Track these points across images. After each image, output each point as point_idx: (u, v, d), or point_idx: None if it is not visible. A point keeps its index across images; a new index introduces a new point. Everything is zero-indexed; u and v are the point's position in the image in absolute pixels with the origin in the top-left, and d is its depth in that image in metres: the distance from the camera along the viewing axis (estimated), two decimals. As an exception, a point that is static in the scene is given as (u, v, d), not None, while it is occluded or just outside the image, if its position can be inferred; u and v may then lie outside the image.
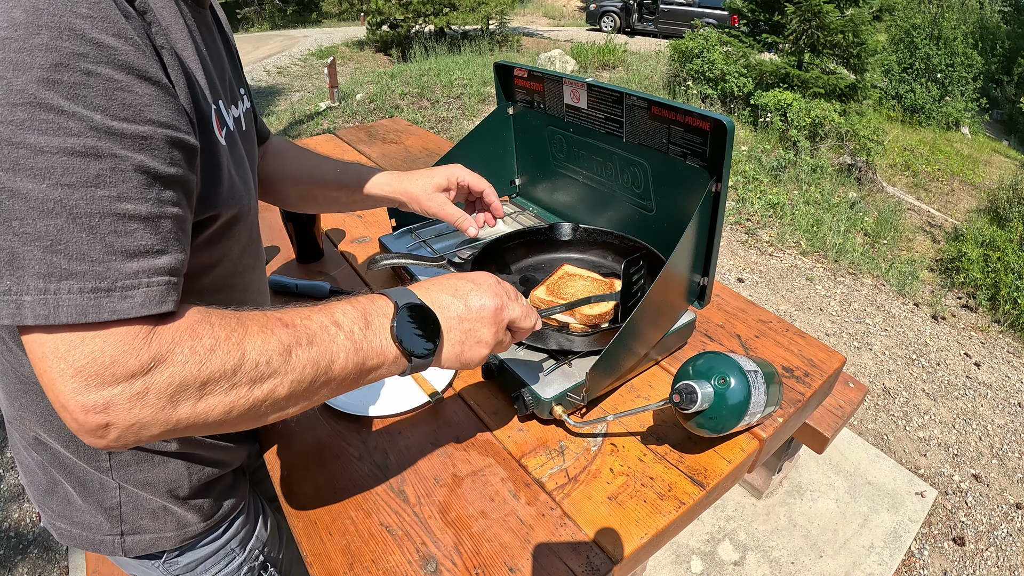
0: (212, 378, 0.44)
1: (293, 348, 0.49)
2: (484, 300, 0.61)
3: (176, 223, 0.46)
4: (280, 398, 0.49)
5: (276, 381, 0.48)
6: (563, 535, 0.73)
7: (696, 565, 1.65)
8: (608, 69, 9.37)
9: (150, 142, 0.44)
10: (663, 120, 0.95)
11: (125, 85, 0.42)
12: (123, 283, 0.41)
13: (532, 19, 17.56)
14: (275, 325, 0.49)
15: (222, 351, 0.45)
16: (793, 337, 1.10)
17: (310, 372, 0.50)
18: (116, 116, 0.42)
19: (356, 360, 0.53)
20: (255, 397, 0.47)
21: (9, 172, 0.39)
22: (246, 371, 0.46)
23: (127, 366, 0.41)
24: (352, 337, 0.53)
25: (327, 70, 6.81)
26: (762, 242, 4.06)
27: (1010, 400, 2.66)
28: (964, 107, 8.92)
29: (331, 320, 0.53)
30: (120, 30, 0.42)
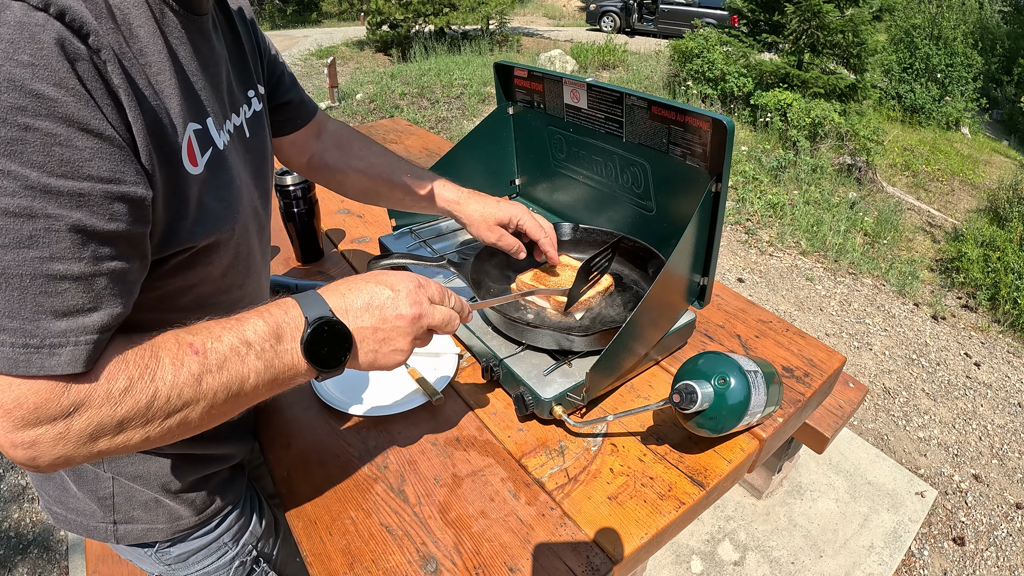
0: (127, 417, 0.47)
1: (204, 376, 0.51)
2: (400, 309, 0.61)
3: (112, 278, 0.47)
4: (193, 421, 0.52)
5: (188, 409, 0.51)
6: (563, 535, 0.73)
7: (696, 565, 1.65)
8: (608, 69, 9.36)
9: (88, 199, 0.43)
10: (663, 120, 0.95)
11: (64, 139, 0.42)
12: (51, 341, 0.43)
13: (532, 19, 17.56)
14: (186, 353, 0.50)
15: (136, 391, 0.47)
16: (793, 337, 1.10)
17: (222, 395, 0.52)
18: (53, 173, 0.41)
19: (268, 377, 0.55)
20: (169, 425, 0.50)
21: None
22: (159, 406, 0.48)
23: (49, 411, 0.43)
24: (263, 356, 0.54)
25: (327, 70, 6.81)
26: (762, 242, 4.06)
27: (1010, 400, 2.66)
28: (964, 107, 8.91)
29: (242, 340, 0.53)
30: (62, 79, 0.41)
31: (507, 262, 1.14)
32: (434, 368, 1.01)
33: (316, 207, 1.34)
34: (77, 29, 0.42)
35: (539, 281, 1.00)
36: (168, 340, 0.51)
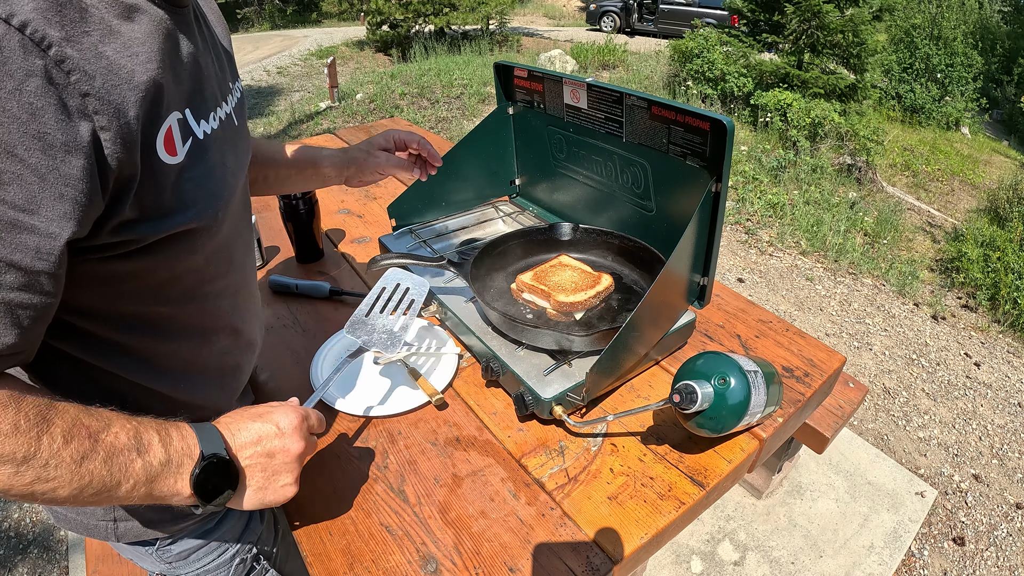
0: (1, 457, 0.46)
1: (87, 460, 0.50)
2: (288, 445, 0.63)
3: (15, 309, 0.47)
4: (59, 497, 0.51)
5: (60, 483, 0.50)
6: (563, 535, 0.73)
7: (696, 565, 1.65)
8: (608, 69, 9.36)
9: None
10: (663, 120, 0.95)
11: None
12: None
13: (532, 19, 17.55)
14: (80, 433, 0.51)
15: (18, 439, 0.46)
16: (793, 337, 1.10)
17: (96, 485, 0.52)
18: None
19: (145, 490, 0.55)
20: (36, 489, 0.49)
21: None
22: (32, 465, 0.47)
23: None
24: (149, 470, 0.54)
25: (327, 70, 6.81)
26: (762, 242, 4.06)
27: (1010, 400, 2.66)
28: (964, 107, 8.91)
29: (136, 446, 0.54)
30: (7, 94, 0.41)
31: (507, 262, 1.14)
32: (433, 369, 1.01)
33: (316, 207, 1.34)
34: (38, 41, 0.42)
35: (539, 281, 1.00)
36: (67, 412, 0.51)
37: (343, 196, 1.73)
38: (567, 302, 0.95)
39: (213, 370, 0.73)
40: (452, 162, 1.29)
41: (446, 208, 1.36)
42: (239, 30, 16.27)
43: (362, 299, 1.22)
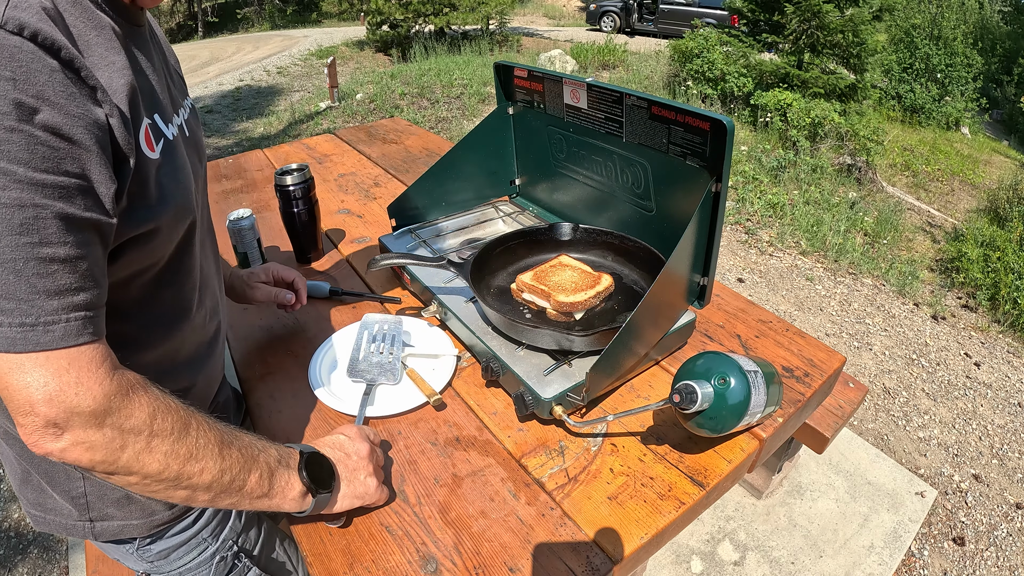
0: (161, 432, 0.54)
1: (224, 446, 0.60)
2: (357, 446, 0.75)
3: (92, 262, 0.52)
4: (203, 483, 0.59)
5: (206, 465, 0.58)
6: (563, 535, 0.73)
7: (696, 565, 1.65)
8: (608, 69, 9.36)
9: (68, 191, 0.49)
10: (663, 120, 0.95)
11: (43, 140, 0.47)
12: (45, 319, 0.48)
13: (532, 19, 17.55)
14: (214, 425, 0.61)
15: (174, 415, 0.56)
16: (793, 337, 1.10)
17: (232, 470, 0.61)
18: (37, 168, 0.47)
19: (268, 484, 0.65)
20: (185, 470, 0.57)
21: None
22: (186, 443, 0.56)
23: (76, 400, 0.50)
24: (269, 462, 0.65)
25: (327, 70, 6.81)
26: (762, 242, 4.06)
27: (1010, 400, 2.66)
28: (964, 107, 8.91)
29: (257, 443, 0.65)
30: (39, 91, 0.47)
31: (507, 262, 1.14)
32: (433, 368, 1.01)
33: (316, 207, 1.34)
34: (49, 47, 0.48)
35: (539, 281, 1.00)
36: (199, 413, 0.61)
37: (343, 196, 1.73)
38: (567, 302, 0.95)
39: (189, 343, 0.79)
40: (452, 162, 1.29)
41: (446, 208, 1.36)
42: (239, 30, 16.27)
43: (362, 299, 1.22)
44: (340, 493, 0.72)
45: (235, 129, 6.46)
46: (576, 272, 1.03)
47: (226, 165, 2.00)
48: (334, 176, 1.89)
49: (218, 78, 8.98)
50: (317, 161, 2.03)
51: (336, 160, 2.04)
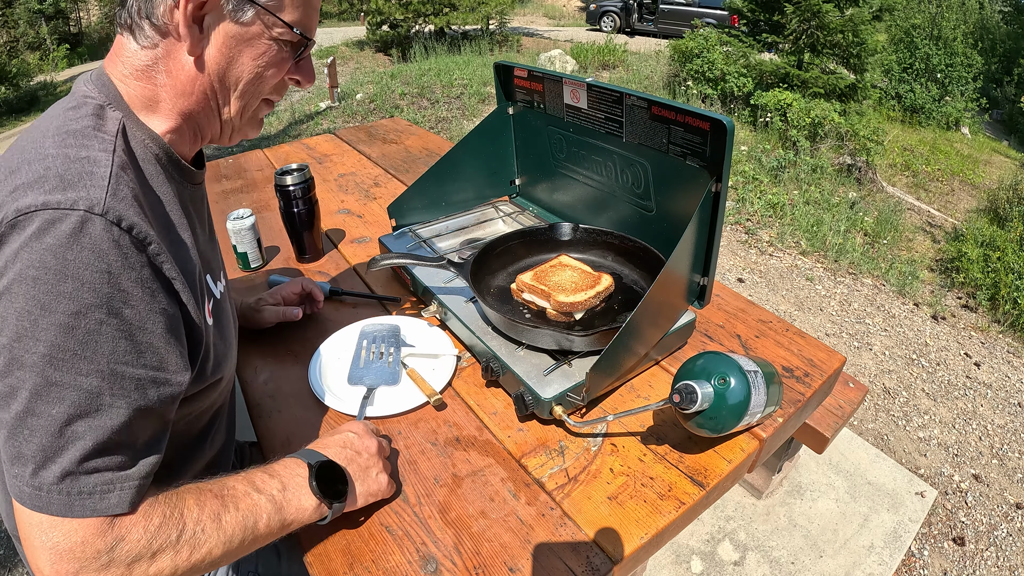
0: (160, 548, 0.55)
1: (222, 514, 0.60)
2: (365, 442, 0.76)
3: (153, 437, 0.58)
4: (217, 557, 0.60)
5: (211, 545, 0.59)
6: (563, 535, 0.73)
7: (696, 565, 1.65)
8: (608, 69, 9.36)
9: (142, 382, 0.55)
10: (663, 120, 0.95)
11: (127, 334, 0.53)
12: (101, 488, 0.52)
13: (532, 19, 17.55)
14: (207, 497, 0.61)
15: (167, 526, 0.56)
16: (793, 337, 1.10)
17: (239, 533, 0.61)
18: (119, 361, 0.52)
19: (278, 519, 0.64)
20: (195, 560, 0.58)
21: (30, 394, 0.49)
22: (186, 539, 0.57)
23: (95, 545, 0.52)
24: (273, 499, 0.64)
25: (327, 70, 6.81)
26: (762, 242, 4.06)
27: (1010, 400, 2.65)
28: (964, 107, 8.90)
29: (253, 488, 0.64)
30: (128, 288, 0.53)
31: (507, 262, 1.14)
32: (433, 368, 1.01)
33: (316, 207, 1.34)
34: (141, 241, 0.54)
35: (539, 281, 1.00)
36: (191, 487, 0.61)
37: (343, 196, 1.73)
38: (567, 302, 0.95)
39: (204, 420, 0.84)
40: (452, 162, 1.29)
41: (446, 208, 1.36)
42: (239, 30, 16.22)
43: (362, 299, 1.22)
44: (355, 493, 0.72)
45: (235, 129, 6.44)
46: (576, 272, 1.03)
47: (226, 165, 2.00)
48: (334, 176, 1.89)
49: (218, 78, 8.97)
50: (317, 161, 2.03)
51: (336, 160, 2.03)
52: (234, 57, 0.64)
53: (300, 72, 0.71)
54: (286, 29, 0.64)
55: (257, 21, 0.62)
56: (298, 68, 0.70)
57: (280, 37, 0.65)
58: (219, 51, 0.63)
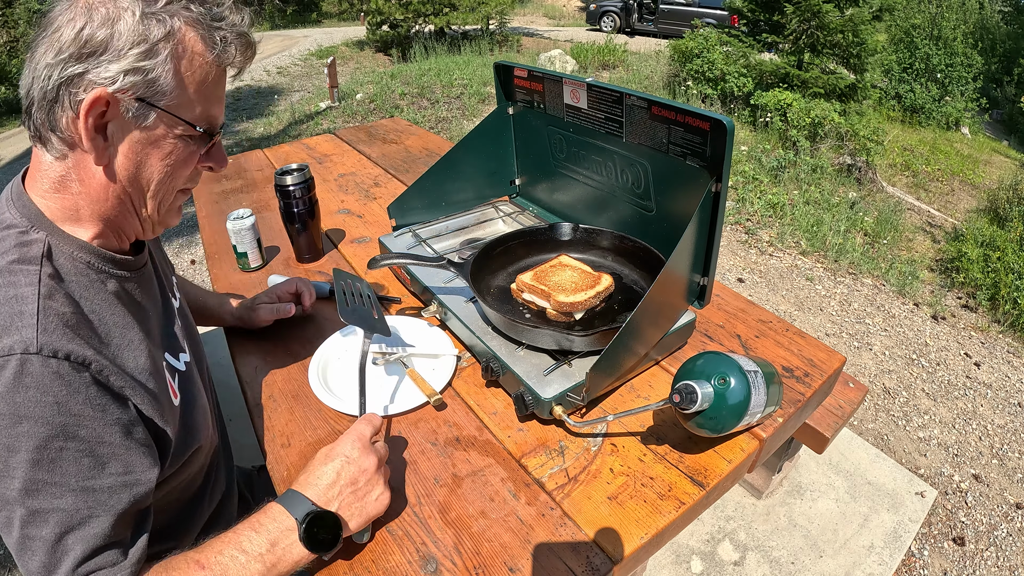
0: None
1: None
2: (363, 464, 0.71)
3: (136, 527, 0.64)
4: None
5: None
6: (563, 535, 0.73)
7: (696, 565, 1.65)
8: (608, 69, 9.36)
9: (115, 489, 0.59)
10: (663, 120, 0.95)
11: (88, 451, 0.57)
12: None
13: (532, 19, 17.55)
14: (193, 569, 0.62)
15: None
16: (793, 337, 1.10)
17: None
18: (87, 477, 0.57)
19: (275, 573, 0.64)
20: None
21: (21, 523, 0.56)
22: None
23: None
24: (263, 560, 0.64)
25: (327, 70, 6.81)
26: (762, 242, 4.05)
27: (1010, 400, 2.65)
28: (964, 107, 8.91)
29: (240, 550, 0.64)
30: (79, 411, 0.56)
31: (507, 262, 1.14)
32: (433, 369, 1.01)
33: (316, 207, 1.34)
34: (80, 363, 0.57)
35: (539, 281, 1.00)
36: (178, 560, 0.63)
37: (343, 196, 1.73)
38: (567, 302, 0.95)
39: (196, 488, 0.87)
40: (452, 162, 1.29)
41: (446, 208, 1.36)
42: (239, 30, 16.22)
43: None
44: (351, 527, 0.69)
45: (235, 129, 6.45)
46: (576, 272, 1.03)
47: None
48: (334, 176, 1.89)
49: (218, 78, 8.97)
50: (317, 161, 2.03)
51: (336, 160, 2.03)
52: (142, 161, 0.64)
53: (211, 159, 0.71)
54: (189, 127, 0.64)
55: (160, 124, 0.62)
56: (208, 156, 0.70)
57: (185, 134, 0.65)
58: (126, 157, 0.63)
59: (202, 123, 0.66)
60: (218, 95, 0.67)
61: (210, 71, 0.64)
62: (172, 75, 0.61)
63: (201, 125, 0.66)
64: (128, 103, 0.60)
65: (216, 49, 0.63)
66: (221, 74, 0.66)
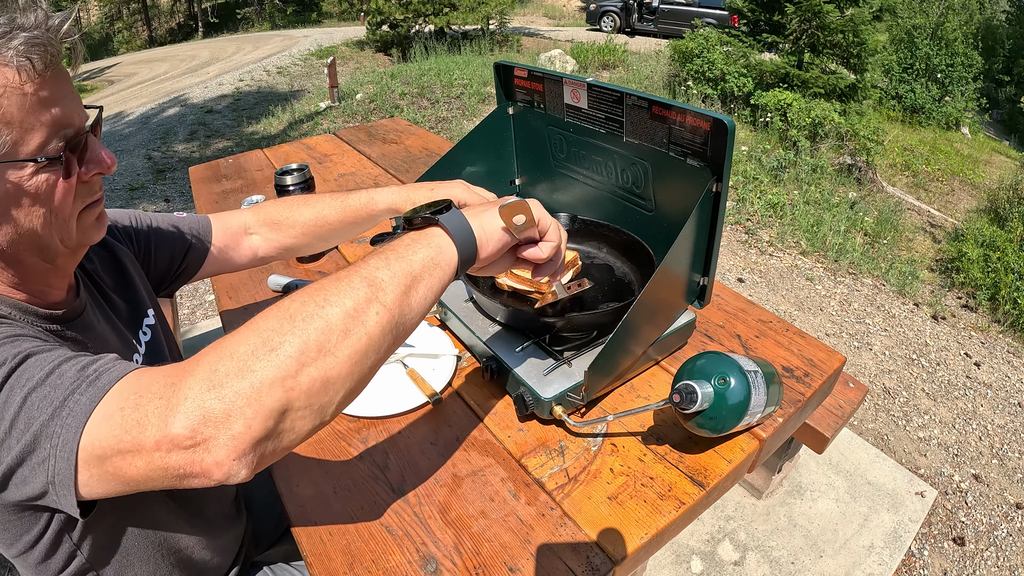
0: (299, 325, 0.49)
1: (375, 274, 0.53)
2: None
3: None
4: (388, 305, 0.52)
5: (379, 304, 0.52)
6: (563, 535, 0.73)
7: (696, 565, 1.65)
8: (608, 69, 9.36)
9: None
10: (663, 120, 0.95)
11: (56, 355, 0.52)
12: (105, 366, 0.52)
13: (532, 19, 17.55)
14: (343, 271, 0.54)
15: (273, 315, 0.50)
16: (793, 337, 1.10)
17: (403, 279, 0.54)
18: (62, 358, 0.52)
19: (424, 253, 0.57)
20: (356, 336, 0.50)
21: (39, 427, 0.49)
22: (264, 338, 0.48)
23: None
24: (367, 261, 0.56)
25: (327, 70, 6.81)
26: (762, 242, 4.06)
27: (1010, 400, 2.66)
28: (964, 107, 8.92)
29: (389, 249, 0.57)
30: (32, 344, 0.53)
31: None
32: (433, 369, 1.01)
33: (316, 207, 1.33)
34: None
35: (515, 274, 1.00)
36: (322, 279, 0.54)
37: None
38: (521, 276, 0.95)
39: None
40: (452, 162, 1.29)
41: (446, 208, 1.36)
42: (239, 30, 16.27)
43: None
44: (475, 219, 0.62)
45: (235, 129, 6.46)
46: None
47: (226, 165, 2.00)
48: (334, 176, 1.89)
49: (218, 78, 8.98)
50: (317, 161, 2.03)
51: (336, 160, 2.03)
52: (14, 218, 0.56)
53: (91, 166, 0.60)
54: (35, 163, 0.54)
55: (4, 177, 0.53)
56: (86, 165, 0.60)
57: (39, 169, 0.55)
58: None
59: (50, 147, 0.55)
60: (54, 102, 0.55)
61: (25, 90, 0.52)
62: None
63: (51, 151, 0.55)
64: None
65: (15, 65, 0.51)
66: (44, 82, 0.53)
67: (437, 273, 0.58)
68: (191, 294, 3.13)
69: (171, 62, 11.31)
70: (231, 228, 0.98)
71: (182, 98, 7.86)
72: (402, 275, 0.55)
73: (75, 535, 0.63)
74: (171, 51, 13.22)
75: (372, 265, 0.54)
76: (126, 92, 9.13)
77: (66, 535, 0.63)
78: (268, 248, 1.01)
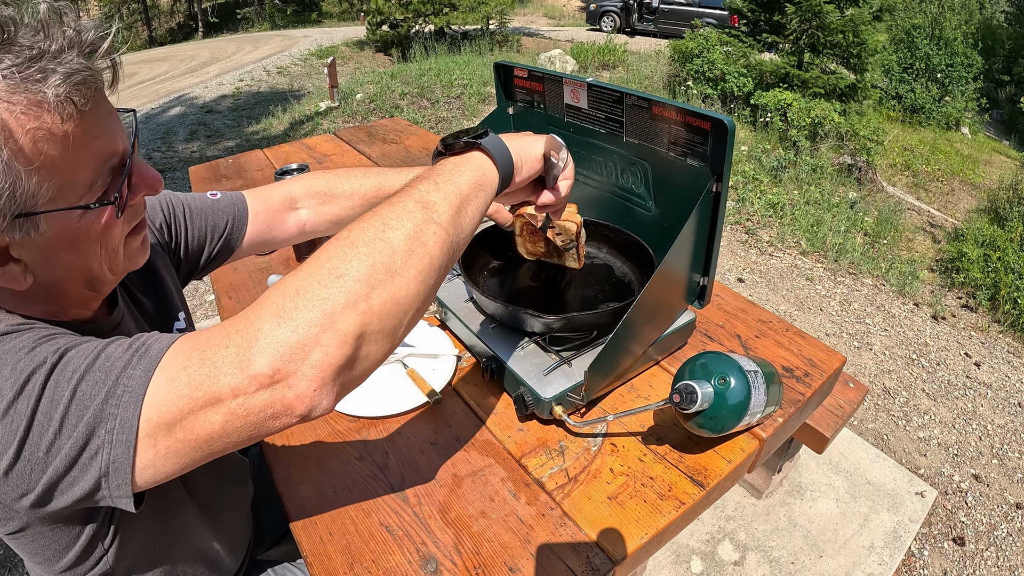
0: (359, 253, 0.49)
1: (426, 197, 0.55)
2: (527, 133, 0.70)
3: None
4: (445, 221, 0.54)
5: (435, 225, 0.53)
6: (563, 535, 0.73)
7: (696, 565, 1.65)
8: (608, 69, 9.36)
9: None
10: (663, 120, 0.95)
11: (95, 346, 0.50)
12: None
13: (532, 19, 17.55)
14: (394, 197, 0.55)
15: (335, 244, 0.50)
16: (793, 337, 1.10)
17: (453, 200, 0.56)
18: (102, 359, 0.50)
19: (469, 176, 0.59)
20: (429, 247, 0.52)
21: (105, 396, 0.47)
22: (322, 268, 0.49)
23: None
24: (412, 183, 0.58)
25: (327, 70, 6.81)
26: (762, 242, 4.05)
27: (1010, 400, 2.65)
28: (964, 107, 8.91)
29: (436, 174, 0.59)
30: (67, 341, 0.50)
31: (501, 252, 1.14)
32: (432, 369, 1.01)
33: (316, 207, 1.33)
34: None
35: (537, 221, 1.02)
36: None
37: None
38: None
39: None
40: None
41: (446, 208, 1.36)
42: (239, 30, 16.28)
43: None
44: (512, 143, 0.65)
45: (235, 129, 6.46)
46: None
47: (226, 165, 2.00)
48: (334, 176, 1.89)
49: (218, 78, 8.98)
50: (317, 161, 2.03)
51: (336, 160, 2.03)
52: (66, 260, 0.54)
53: (140, 190, 0.58)
54: (82, 211, 0.51)
55: (55, 221, 0.50)
56: (134, 191, 0.57)
57: (86, 213, 0.52)
58: (46, 266, 0.53)
59: (97, 187, 0.52)
60: (97, 134, 0.51)
61: (66, 129, 0.47)
62: (24, 174, 0.46)
63: (97, 194, 0.52)
64: (6, 229, 0.47)
65: (58, 109, 0.46)
66: (83, 118, 0.49)
67: (482, 194, 0.60)
68: (191, 294, 3.13)
69: (171, 62, 11.31)
70: (274, 202, 0.93)
71: (182, 98, 7.86)
72: (452, 196, 0.56)
73: (106, 542, 0.61)
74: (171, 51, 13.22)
75: (422, 189, 0.56)
76: (126, 92, 9.13)
77: (99, 543, 0.60)
78: (317, 221, 0.95)
